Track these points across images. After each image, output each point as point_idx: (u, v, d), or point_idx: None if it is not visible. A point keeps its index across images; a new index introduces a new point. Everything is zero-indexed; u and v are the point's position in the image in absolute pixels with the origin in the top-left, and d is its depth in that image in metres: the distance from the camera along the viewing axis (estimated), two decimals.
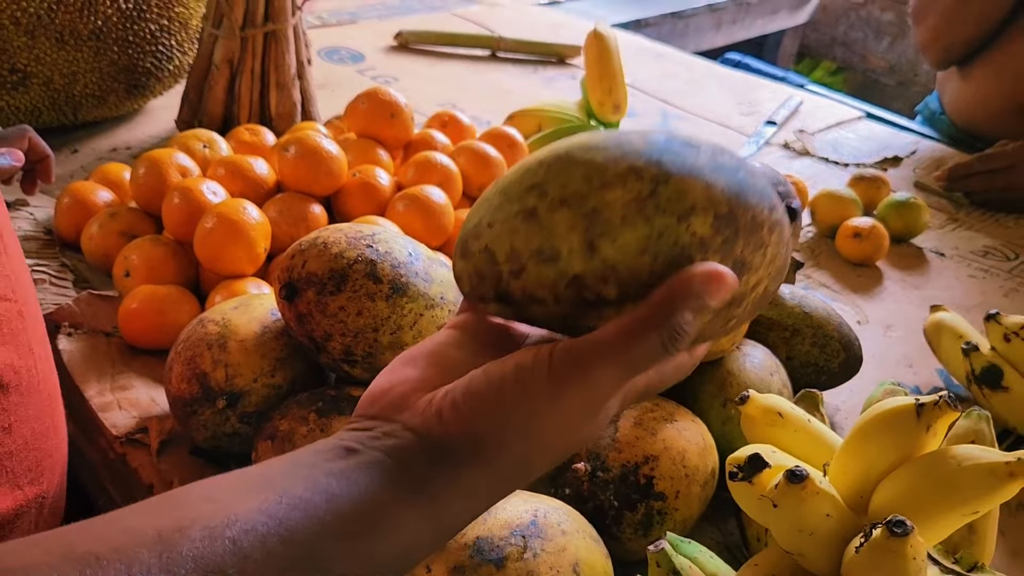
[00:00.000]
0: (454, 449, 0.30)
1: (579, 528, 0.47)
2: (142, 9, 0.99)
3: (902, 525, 0.35)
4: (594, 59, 1.06)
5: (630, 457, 0.52)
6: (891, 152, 1.21)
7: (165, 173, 0.75)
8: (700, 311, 0.30)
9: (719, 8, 2.31)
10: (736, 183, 0.31)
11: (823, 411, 0.57)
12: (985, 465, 0.38)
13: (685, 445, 0.54)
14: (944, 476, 0.38)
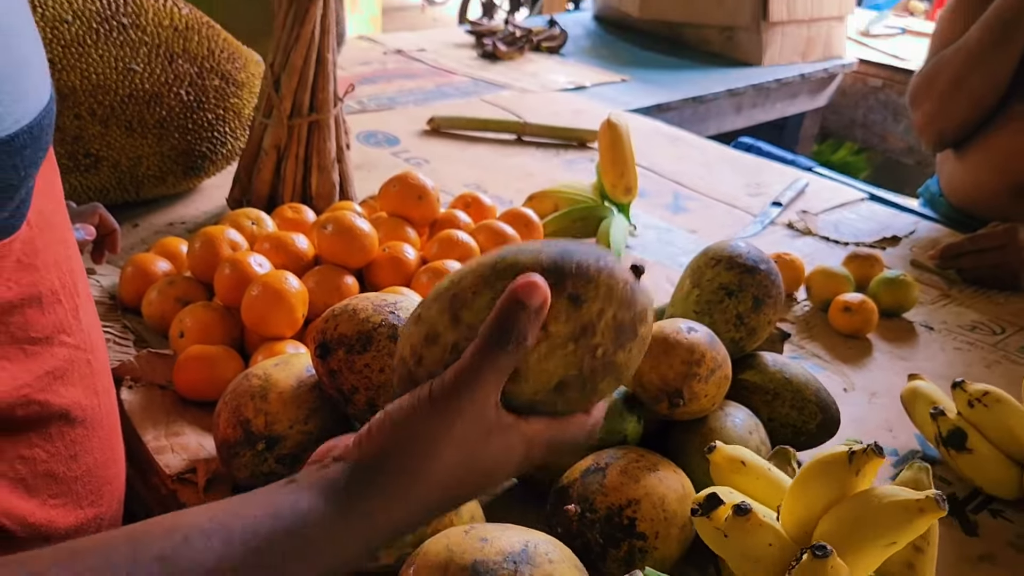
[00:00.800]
0: (370, 468, 0.41)
1: (565, 558, 0.54)
2: (201, 101, 1.11)
3: (823, 549, 0.42)
4: (607, 146, 1.16)
5: (615, 500, 0.59)
6: (890, 232, 1.29)
7: (218, 247, 0.85)
8: (525, 312, 0.40)
9: (739, 93, 2.42)
10: (562, 250, 0.43)
11: (794, 466, 0.64)
12: (900, 502, 0.44)
13: (665, 491, 0.60)
14: (868, 511, 0.45)
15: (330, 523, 0.39)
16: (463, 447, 0.41)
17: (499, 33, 2.52)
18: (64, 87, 1.00)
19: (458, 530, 0.54)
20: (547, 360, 0.42)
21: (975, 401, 0.73)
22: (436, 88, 2.02)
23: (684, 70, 2.49)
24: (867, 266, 1.09)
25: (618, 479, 0.60)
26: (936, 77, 1.30)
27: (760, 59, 2.57)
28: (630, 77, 2.35)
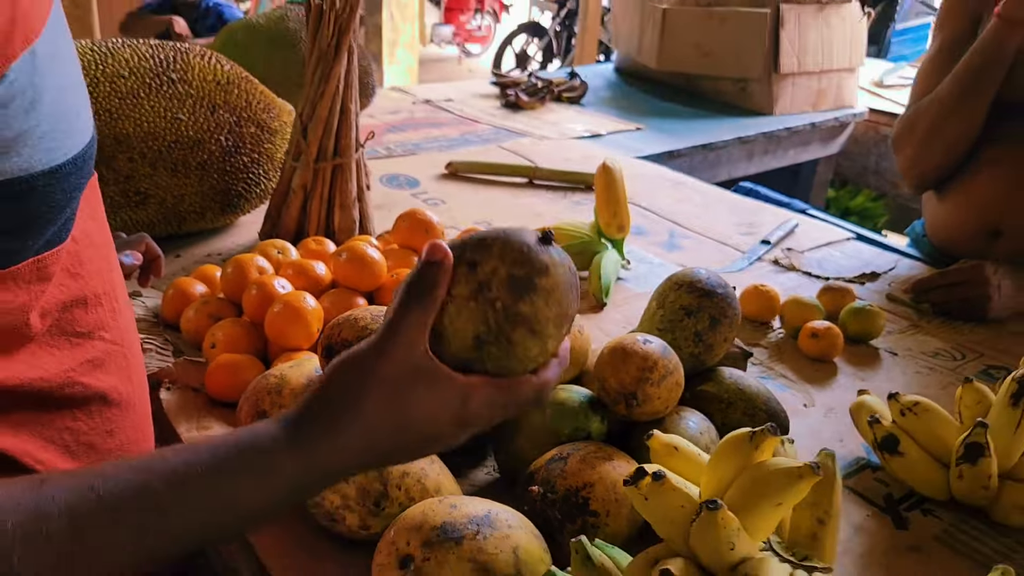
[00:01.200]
0: (315, 400, 0.51)
1: (523, 525, 0.64)
2: (239, 146, 1.25)
3: (714, 503, 0.52)
4: (602, 187, 1.28)
5: (573, 483, 0.69)
6: (870, 268, 1.38)
7: (247, 271, 0.98)
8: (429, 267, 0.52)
9: (749, 140, 2.53)
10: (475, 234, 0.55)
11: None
12: (783, 469, 0.54)
13: (617, 477, 0.70)
14: (760, 477, 0.55)
15: (278, 444, 0.49)
16: (391, 386, 0.51)
17: (522, 84, 2.67)
18: (120, 133, 1.14)
19: (433, 500, 0.64)
20: (457, 319, 0.52)
21: (906, 410, 0.82)
22: (460, 136, 2.16)
23: (697, 119, 2.61)
24: (839, 297, 1.18)
25: (577, 466, 0.70)
26: (915, 124, 1.40)
27: (772, 109, 2.68)
28: (645, 126, 2.48)
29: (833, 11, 2.70)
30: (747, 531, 0.55)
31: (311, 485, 0.52)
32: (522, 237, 0.54)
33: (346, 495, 0.67)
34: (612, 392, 0.76)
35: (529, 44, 7.83)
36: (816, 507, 0.61)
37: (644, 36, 2.89)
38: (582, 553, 0.60)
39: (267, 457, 0.49)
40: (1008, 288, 1.22)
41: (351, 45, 1.19)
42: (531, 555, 0.62)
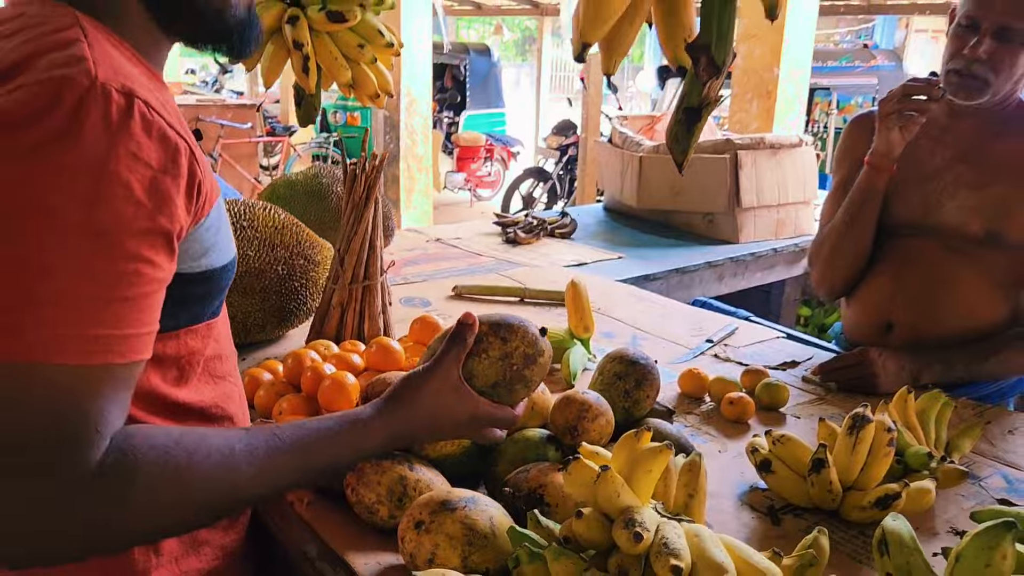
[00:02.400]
0: (390, 398, 0.89)
1: (498, 506, 0.96)
2: (291, 274, 1.63)
3: (606, 467, 0.85)
4: (571, 299, 1.64)
5: (533, 484, 1.02)
6: (791, 358, 1.72)
7: (303, 360, 1.33)
8: (463, 327, 0.89)
9: (718, 265, 2.92)
10: (505, 316, 0.92)
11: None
12: (650, 447, 0.87)
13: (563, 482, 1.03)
14: (636, 453, 0.88)
15: (368, 419, 0.86)
16: (433, 394, 0.89)
17: (520, 223, 3.09)
18: None
19: (437, 491, 0.97)
20: (487, 369, 0.91)
21: (776, 441, 1.14)
22: (466, 267, 2.55)
23: (672, 248, 3.01)
24: (756, 377, 1.51)
25: (536, 474, 1.03)
26: (821, 246, 1.78)
27: (737, 238, 3.09)
28: (625, 255, 2.87)
29: (785, 154, 3.15)
30: (632, 490, 0.87)
31: (383, 445, 0.89)
32: (533, 329, 0.95)
33: (379, 494, 1.00)
34: (560, 427, 1.10)
35: (535, 187, 8.44)
36: (688, 486, 0.94)
37: (625, 179, 3.34)
38: (534, 519, 0.92)
39: (364, 424, 0.87)
40: (891, 367, 1.55)
41: (377, 197, 1.59)
42: (501, 522, 0.94)
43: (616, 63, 0.89)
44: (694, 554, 0.81)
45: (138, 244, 0.70)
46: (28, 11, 0.79)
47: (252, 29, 0.93)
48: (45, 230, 0.66)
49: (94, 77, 0.70)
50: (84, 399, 0.68)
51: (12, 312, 0.66)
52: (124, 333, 0.70)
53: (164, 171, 0.72)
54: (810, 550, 0.89)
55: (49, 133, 0.67)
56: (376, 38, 1.40)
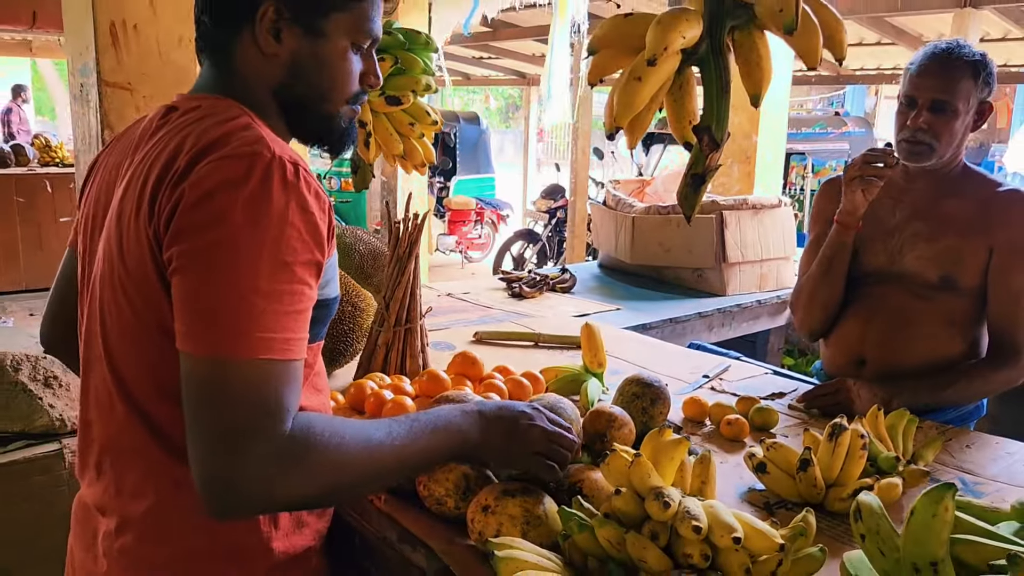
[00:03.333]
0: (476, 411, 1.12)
1: (547, 496, 1.18)
2: (341, 319, 1.86)
3: (638, 454, 1.08)
4: (586, 338, 1.88)
5: (574, 479, 1.24)
6: (779, 390, 1.96)
7: (363, 388, 1.56)
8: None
9: (707, 315, 3.17)
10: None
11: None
12: (671, 439, 1.10)
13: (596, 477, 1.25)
14: (661, 444, 1.11)
15: (459, 418, 1.08)
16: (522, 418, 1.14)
17: (524, 279, 3.35)
18: None
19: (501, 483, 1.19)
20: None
21: (770, 447, 1.38)
22: (479, 318, 2.79)
23: (664, 300, 3.27)
24: (748, 403, 1.75)
25: (575, 472, 1.25)
26: (799, 294, 2.03)
27: (724, 291, 3.35)
28: (622, 306, 3.13)
29: (766, 214, 3.44)
30: (660, 475, 1.10)
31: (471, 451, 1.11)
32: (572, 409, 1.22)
33: (447, 488, 1.22)
34: (591, 434, 1.32)
35: (526, 248, 8.73)
36: (701, 475, 1.17)
37: (619, 238, 3.61)
38: (578, 503, 1.14)
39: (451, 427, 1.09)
40: (865, 395, 1.79)
41: (418, 252, 1.83)
42: (552, 507, 1.16)
43: (637, 139, 1.15)
44: (710, 519, 1.04)
45: (304, 271, 0.95)
46: (204, 104, 1.06)
47: (348, 137, 1.19)
48: (248, 259, 0.90)
49: (272, 151, 0.96)
50: (279, 384, 0.91)
51: (223, 320, 0.89)
52: (298, 336, 0.94)
53: (319, 218, 0.97)
54: (800, 523, 1.12)
55: (250, 191, 0.92)
56: (424, 117, 1.66)
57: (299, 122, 1.14)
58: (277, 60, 1.08)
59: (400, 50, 1.62)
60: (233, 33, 1.08)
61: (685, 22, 1.00)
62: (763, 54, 1.10)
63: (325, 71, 1.10)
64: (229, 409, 0.89)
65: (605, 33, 1.07)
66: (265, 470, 0.89)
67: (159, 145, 1.04)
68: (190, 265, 0.93)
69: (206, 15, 1.09)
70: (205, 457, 0.89)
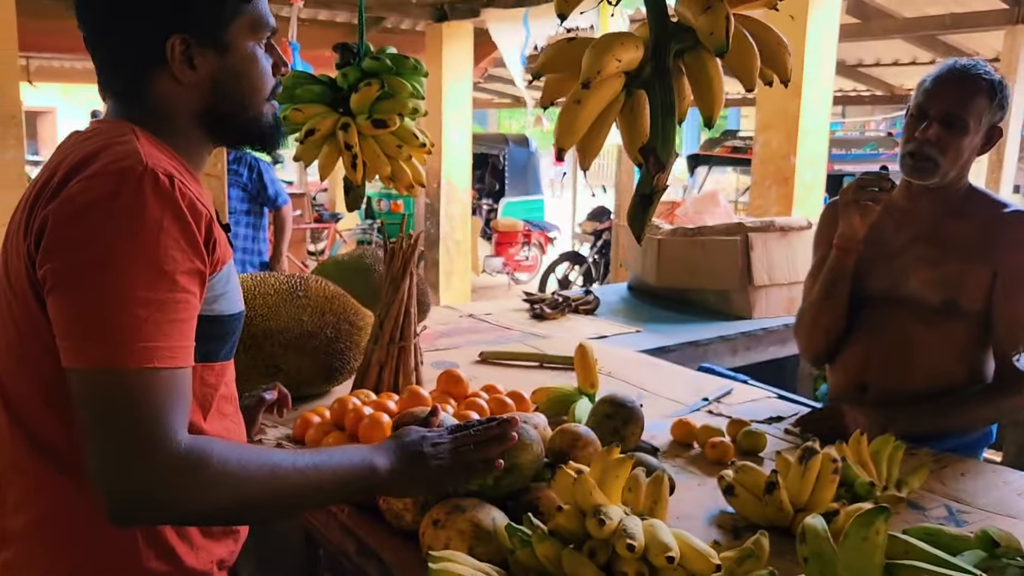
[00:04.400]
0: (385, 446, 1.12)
1: (500, 512, 1.19)
2: (338, 337, 1.91)
3: (580, 471, 1.08)
4: (579, 359, 1.88)
5: (531, 497, 1.25)
6: (777, 414, 1.93)
7: (346, 404, 1.59)
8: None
9: (730, 339, 3.14)
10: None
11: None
12: (618, 458, 1.10)
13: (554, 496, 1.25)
14: (608, 462, 1.11)
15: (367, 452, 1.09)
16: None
17: (547, 301, 3.36)
18: (268, 329, 1.81)
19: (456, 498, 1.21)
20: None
21: (738, 470, 1.36)
22: (494, 338, 2.81)
23: (687, 323, 3.24)
24: (738, 426, 1.73)
25: (532, 489, 1.26)
26: (802, 319, 2.00)
27: (750, 314, 3.31)
28: (643, 328, 3.11)
29: (794, 236, 3.39)
30: (604, 492, 1.10)
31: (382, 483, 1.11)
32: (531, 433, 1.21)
33: (405, 502, 1.24)
34: (554, 452, 1.33)
35: (571, 270, 8.73)
36: (652, 495, 1.16)
37: (646, 260, 3.60)
38: (527, 519, 1.15)
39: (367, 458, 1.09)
40: (861, 420, 1.75)
41: (412, 271, 1.87)
42: (501, 523, 1.17)
43: (589, 161, 1.17)
44: (648, 538, 1.03)
45: (186, 280, 0.97)
46: (101, 127, 1.10)
47: (278, 132, 1.22)
48: (127, 271, 0.93)
49: (145, 164, 0.98)
50: (167, 391, 0.93)
51: (103, 332, 0.92)
52: (182, 345, 0.96)
53: (194, 227, 0.99)
54: (751, 545, 1.11)
55: (121, 204, 0.94)
56: (411, 139, 1.70)
57: (227, 133, 1.18)
58: (198, 87, 1.11)
59: (388, 74, 1.66)
60: (144, 76, 1.10)
61: (620, 46, 1.02)
62: (713, 76, 1.10)
63: (243, 80, 1.13)
64: (120, 420, 0.91)
65: (549, 58, 1.09)
66: (160, 478, 0.91)
67: (48, 167, 1.07)
68: (66, 282, 0.95)
69: (109, 68, 1.12)
70: (103, 468, 0.91)
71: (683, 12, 1.03)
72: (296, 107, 1.67)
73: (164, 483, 0.92)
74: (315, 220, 9.09)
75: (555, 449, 1.33)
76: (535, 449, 1.25)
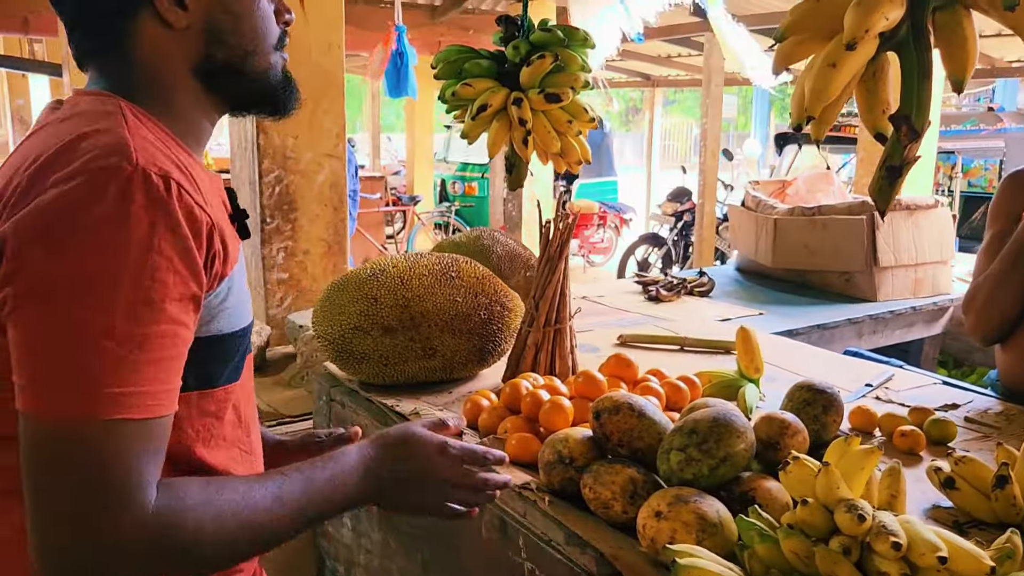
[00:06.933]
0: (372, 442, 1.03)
1: (721, 504, 1.13)
2: (491, 319, 1.86)
3: (826, 463, 1.01)
4: (741, 340, 1.81)
5: (746, 488, 1.18)
6: (952, 401, 1.82)
7: (519, 388, 1.55)
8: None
9: (858, 321, 3.02)
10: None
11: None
12: (861, 449, 1.03)
13: (769, 485, 1.19)
14: (850, 454, 1.04)
15: (352, 459, 0.98)
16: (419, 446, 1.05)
17: (661, 282, 3.27)
18: (424, 310, 1.77)
19: (672, 488, 1.15)
20: None
21: (958, 461, 1.27)
22: (616, 320, 2.74)
23: (811, 305, 3.13)
24: (923, 415, 1.63)
25: (747, 479, 1.20)
26: (976, 295, 1.89)
27: (875, 296, 3.17)
28: (766, 311, 3.01)
29: (921, 215, 3.24)
30: (849, 487, 1.03)
31: (364, 482, 0.99)
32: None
33: (614, 491, 1.18)
34: (763, 441, 1.26)
35: (650, 253, 8.61)
36: (890, 487, 1.09)
37: (759, 241, 3.49)
38: (755, 512, 1.09)
39: (343, 467, 0.98)
40: None
41: (567, 253, 1.81)
42: (726, 515, 1.11)
43: (824, 130, 1.09)
44: (909, 536, 0.96)
45: (178, 309, 0.81)
46: (80, 101, 0.93)
47: (290, 90, 1.05)
48: (103, 298, 0.76)
49: (135, 162, 0.81)
50: (136, 451, 0.78)
51: (68, 372, 0.76)
52: (165, 389, 0.80)
53: (193, 242, 0.83)
54: (1006, 544, 1.03)
55: (100, 214, 0.78)
56: (582, 114, 1.64)
57: (233, 90, 1.01)
58: (190, 31, 0.95)
59: (559, 47, 1.60)
60: (127, 24, 0.93)
61: (888, 2, 0.94)
62: (968, 35, 1.01)
63: (243, 22, 0.98)
64: (71, 483, 0.76)
65: (796, 19, 1.02)
66: (122, 550, 0.77)
67: (16, 155, 0.90)
68: (26, 308, 0.78)
69: (83, 21, 0.95)
70: (44, 534, 0.76)
71: None
72: (465, 82, 1.62)
73: (127, 555, 0.77)
74: (393, 203, 9.12)
75: (764, 438, 1.27)
76: (748, 437, 1.19)
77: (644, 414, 1.25)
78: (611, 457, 1.27)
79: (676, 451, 1.18)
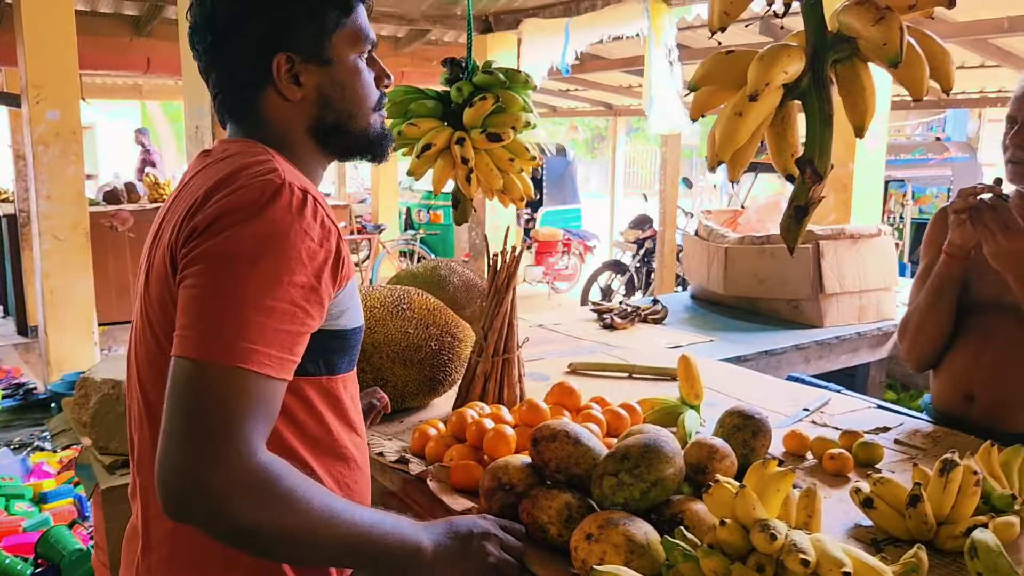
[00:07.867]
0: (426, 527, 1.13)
1: (648, 526, 1.19)
2: (442, 350, 1.92)
3: (743, 485, 1.07)
4: (682, 368, 1.88)
5: (675, 511, 1.24)
6: (883, 424, 1.90)
7: (465, 417, 1.60)
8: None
9: (804, 347, 3.11)
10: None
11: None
12: (776, 472, 1.10)
13: (697, 508, 1.25)
14: (764, 476, 1.10)
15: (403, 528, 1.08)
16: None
17: (615, 310, 3.35)
18: (376, 341, 1.82)
19: (603, 512, 1.21)
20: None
21: (876, 482, 1.35)
22: (570, 349, 2.81)
23: (759, 331, 3.22)
24: (852, 438, 1.71)
25: (676, 503, 1.26)
26: (907, 323, 1.98)
27: (822, 322, 3.28)
28: (716, 338, 3.09)
29: (865, 243, 3.36)
30: (765, 507, 1.10)
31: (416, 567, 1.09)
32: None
33: (550, 515, 1.24)
34: (692, 465, 1.33)
35: (613, 279, 8.71)
36: (807, 508, 1.15)
37: (711, 269, 3.59)
38: (680, 533, 1.15)
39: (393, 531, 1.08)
40: None
41: (514, 284, 1.87)
42: (653, 536, 1.17)
43: (739, 172, 1.17)
44: (818, 553, 1.03)
45: (299, 294, 0.99)
46: (233, 147, 1.15)
47: (386, 141, 1.27)
48: (251, 275, 0.96)
49: (283, 179, 1.03)
50: (255, 397, 0.94)
51: (216, 325, 0.95)
52: (282, 356, 0.98)
53: (321, 246, 1.03)
54: (912, 559, 1.10)
55: (257, 212, 0.99)
56: (523, 153, 1.71)
57: (340, 144, 1.22)
58: (305, 101, 1.17)
59: (500, 89, 1.68)
60: (254, 96, 1.16)
61: (787, 58, 1.02)
62: (867, 86, 1.10)
63: (348, 91, 1.19)
64: (202, 411, 0.93)
65: (707, 71, 1.10)
66: (227, 483, 0.91)
67: (191, 187, 1.11)
68: (193, 278, 0.99)
69: (222, 92, 1.18)
70: (170, 453, 0.92)
71: (849, 23, 1.03)
72: (411, 122, 1.68)
73: (229, 489, 0.92)
74: (358, 231, 9.15)
75: (692, 462, 1.33)
76: (677, 462, 1.25)
77: (580, 441, 1.31)
78: (549, 483, 1.33)
79: (609, 476, 1.24)
